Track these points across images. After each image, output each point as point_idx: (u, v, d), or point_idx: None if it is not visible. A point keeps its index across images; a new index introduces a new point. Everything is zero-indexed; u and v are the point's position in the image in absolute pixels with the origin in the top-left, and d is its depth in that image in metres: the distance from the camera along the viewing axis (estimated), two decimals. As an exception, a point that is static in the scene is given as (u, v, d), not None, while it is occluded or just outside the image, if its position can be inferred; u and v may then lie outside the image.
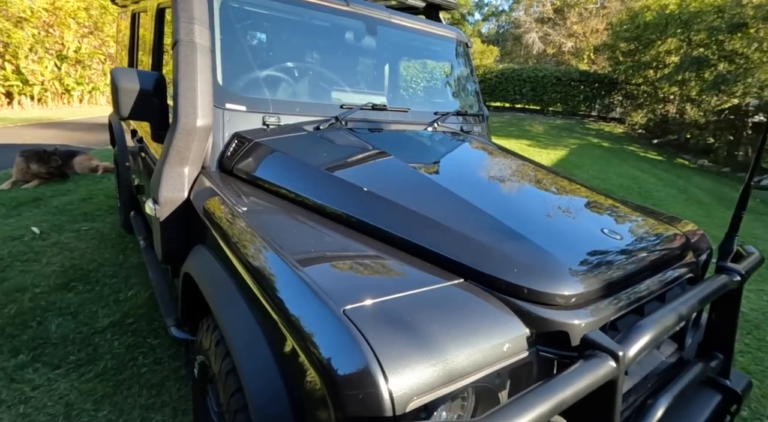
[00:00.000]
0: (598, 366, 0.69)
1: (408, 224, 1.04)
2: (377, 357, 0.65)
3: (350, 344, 0.67)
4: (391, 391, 0.63)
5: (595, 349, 0.72)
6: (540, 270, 0.89)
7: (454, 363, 0.70)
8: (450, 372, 0.69)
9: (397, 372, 0.65)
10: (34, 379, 1.75)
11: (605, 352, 0.71)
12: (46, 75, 9.65)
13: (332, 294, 0.76)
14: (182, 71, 1.33)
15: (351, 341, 0.67)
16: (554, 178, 1.59)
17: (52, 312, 2.18)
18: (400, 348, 0.68)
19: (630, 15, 12.50)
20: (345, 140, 1.50)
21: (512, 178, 1.52)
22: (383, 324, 0.71)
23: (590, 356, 0.71)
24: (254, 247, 0.97)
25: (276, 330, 0.83)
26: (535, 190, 1.45)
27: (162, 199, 1.31)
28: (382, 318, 0.73)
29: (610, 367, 0.70)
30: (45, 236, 3.02)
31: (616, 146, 11.22)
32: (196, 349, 1.32)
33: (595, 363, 0.70)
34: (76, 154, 4.53)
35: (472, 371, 0.71)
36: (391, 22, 2.01)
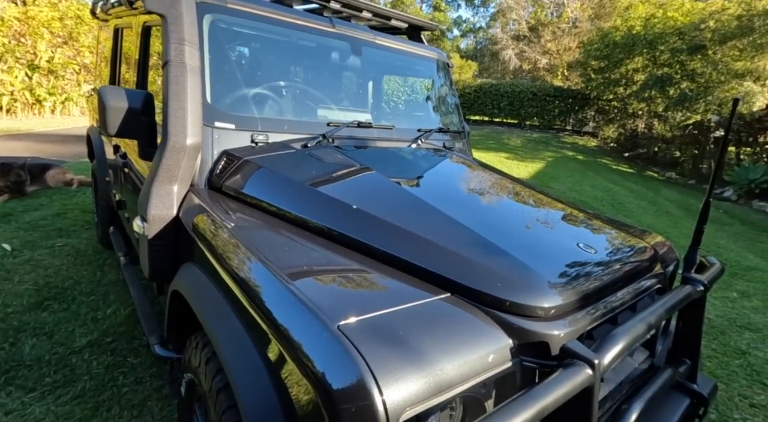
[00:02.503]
0: (576, 374, 0.74)
1: (395, 240, 1.08)
2: (372, 371, 0.68)
3: (345, 358, 0.70)
4: (385, 403, 0.66)
5: (573, 358, 0.78)
6: (521, 284, 0.95)
7: (444, 374, 0.74)
8: (440, 383, 0.73)
9: (391, 384, 0.68)
10: (6, 404, 1.68)
11: (582, 361, 0.76)
12: (15, 85, 9.36)
13: (326, 310, 0.79)
14: (172, 91, 1.35)
15: (346, 355, 0.70)
16: (532, 193, 1.67)
17: (25, 333, 2.11)
18: (392, 361, 0.71)
19: (600, 35, 13.16)
20: (332, 158, 1.54)
21: (492, 194, 1.59)
22: (376, 339, 0.75)
23: (568, 364, 0.77)
24: (245, 264, 0.99)
25: (269, 346, 0.85)
26: (514, 204, 1.53)
27: (150, 217, 1.31)
28: (375, 333, 0.76)
29: (587, 375, 0.75)
30: (16, 253, 2.92)
31: (590, 159, 11.66)
32: (183, 367, 1.31)
33: (573, 371, 0.75)
34: (49, 167, 4.40)
35: (460, 381, 0.75)
36: (376, 43, 2.08)
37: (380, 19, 2.46)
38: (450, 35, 26.38)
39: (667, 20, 11.06)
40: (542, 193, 1.72)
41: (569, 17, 17.28)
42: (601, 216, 1.61)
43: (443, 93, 2.44)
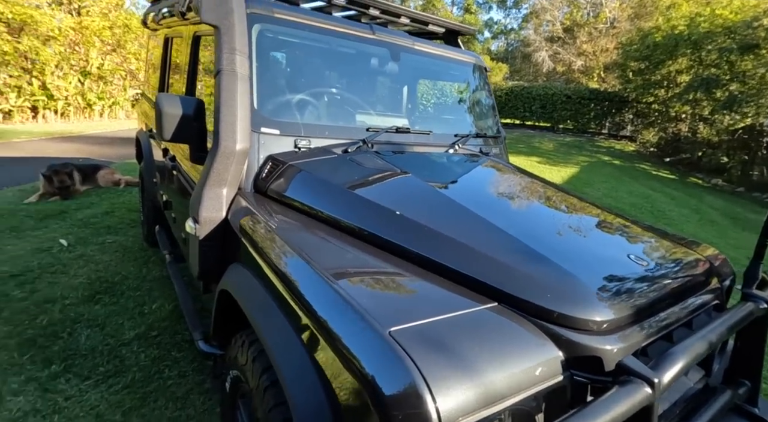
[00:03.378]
0: (634, 393, 0.72)
1: (439, 247, 1.09)
2: (424, 378, 0.69)
3: (398, 364, 0.71)
4: (438, 411, 0.67)
5: (630, 375, 0.75)
6: (571, 296, 0.93)
7: (495, 385, 0.74)
8: (491, 394, 0.72)
9: (444, 392, 0.68)
10: (66, 390, 1.80)
11: (640, 379, 0.74)
12: (70, 90, 10.02)
13: (377, 315, 0.81)
14: (224, 98, 1.42)
15: (399, 362, 0.71)
16: (574, 201, 1.63)
17: (80, 324, 2.25)
18: (444, 369, 0.72)
19: (640, 35, 12.63)
20: (373, 163, 1.56)
21: (533, 201, 1.56)
22: (427, 346, 0.75)
23: (625, 382, 0.74)
24: (294, 266, 1.02)
25: (318, 347, 0.87)
26: (557, 212, 1.49)
27: (202, 219, 1.37)
28: (426, 341, 0.77)
29: (646, 393, 0.72)
30: (71, 248, 3.12)
31: (626, 164, 11.20)
32: (228, 364, 1.36)
33: (631, 389, 0.72)
34: (99, 168, 4.68)
35: (511, 393, 0.75)
36: (414, 49, 2.10)
37: (417, 25, 2.47)
38: (481, 38, 26.09)
39: (715, 18, 10.47)
40: (584, 201, 1.67)
41: (607, 17, 16.69)
42: (647, 226, 1.55)
43: (480, 97, 2.42)
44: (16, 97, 9.05)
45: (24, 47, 8.79)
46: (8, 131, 7.85)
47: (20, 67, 8.99)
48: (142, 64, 12.04)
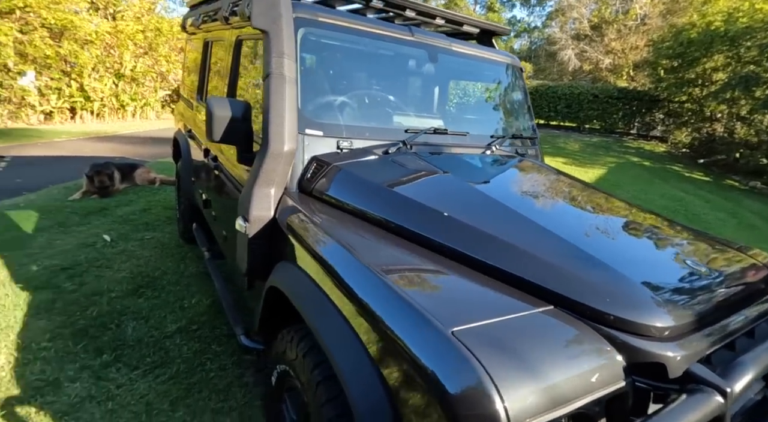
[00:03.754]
0: (706, 402, 0.71)
1: (491, 249, 1.09)
2: (491, 378, 0.70)
3: (463, 364, 0.72)
4: (507, 411, 0.68)
5: (699, 384, 0.74)
6: (632, 300, 0.92)
7: (560, 388, 0.74)
8: (557, 397, 0.73)
9: (512, 393, 0.69)
10: (117, 378, 1.90)
11: (711, 387, 0.73)
12: (105, 92, 10.45)
13: (437, 315, 0.82)
14: (273, 101, 1.46)
15: (464, 361, 0.73)
16: (620, 204, 1.60)
17: (126, 316, 2.35)
18: (510, 370, 0.73)
19: (673, 32, 12.18)
20: (416, 164, 1.57)
21: (580, 204, 1.54)
22: (490, 347, 0.76)
23: (695, 390, 0.73)
24: (349, 265, 1.05)
25: (378, 346, 0.90)
26: (605, 216, 1.47)
27: (252, 217, 1.42)
28: (488, 341, 0.78)
29: (718, 403, 0.71)
30: (113, 244, 3.26)
31: (657, 165, 10.83)
32: (274, 358, 1.40)
33: (702, 398, 0.71)
34: (137, 167, 4.87)
35: (575, 397, 0.75)
36: (451, 50, 2.10)
37: (452, 25, 2.48)
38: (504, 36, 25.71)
39: (755, 13, 10.00)
40: (629, 204, 1.64)
41: (637, 14, 16.16)
42: (696, 229, 1.51)
43: (516, 98, 2.40)
44: (57, 98, 9.50)
45: (64, 51, 9.21)
46: (50, 131, 8.25)
47: (60, 70, 9.43)
48: (171, 66, 12.44)
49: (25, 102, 8.90)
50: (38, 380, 1.84)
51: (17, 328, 2.16)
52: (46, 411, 1.68)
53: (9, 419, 1.63)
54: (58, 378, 1.85)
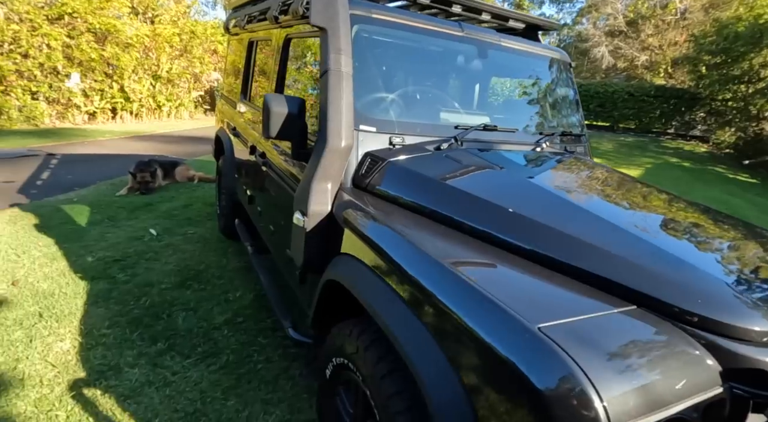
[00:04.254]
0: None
1: (564, 247, 1.06)
2: (588, 376, 0.68)
3: (555, 361, 0.71)
4: (608, 412, 0.66)
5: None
6: (726, 303, 0.87)
7: (657, 391, 0.71)
8: (655, 401, 0.70)
9: (610, 393, 0.67)
10: (171, 366, 1.97)
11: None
12: (143, 93, 10.89)
13: (521, 310, 0.81)
14: (331, 98, 1.48)
15: (555, 358, 0.71)
16: (687, 203, 1.53)
17: (176, 307, 2.44)
18: (606, 369, 0.70)
19: (716, 26, 11.58)
20: (471, 160, 1.56)
21: (646, 202, 1.48)
22: (581, 344, 0.74)
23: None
24: (419, 261, 1.04)
25: (454, 341, 0.89)
26: (676, 215, 1.41)
27: (310, 212, 1.44)
28: (578, 338, 0.76)
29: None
30: (159, 238, 3.39)
31: (698, 167, 10.35)
32: (329, 352, 1.42)
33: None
34: (177, 165, 5.05)
35: (672, 401, 0.72)
36: (501, 45, 2.07)
37: (498, 21, 2.44)
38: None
39: (810, 5, 9.39)
40: (695, 203, 1.57)
41: (677, 8, 15.46)
42: None
43: (565, 94, 2.34)
44: (99, 99, 9.98)
45: (107, 54, 9.66)
46: (94, 131, 8.67)
47: (103, 72, 9.90)
48: (204, 67, 12.85)
49: (71, 103, 9.40)
50: (101, 364, 1.93)
51: (79, 315, 2.28)
52: (110, 394, 1.77)
53: (78, 400, 1.72)
54: (118, 364, 1.94)
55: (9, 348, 1.99)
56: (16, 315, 2.24)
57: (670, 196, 1.60)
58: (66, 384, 1.81)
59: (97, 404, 1.72)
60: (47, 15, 8.68)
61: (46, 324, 2.19)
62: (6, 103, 7.99)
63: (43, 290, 2.49)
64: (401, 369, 1.08)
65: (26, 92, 8.38)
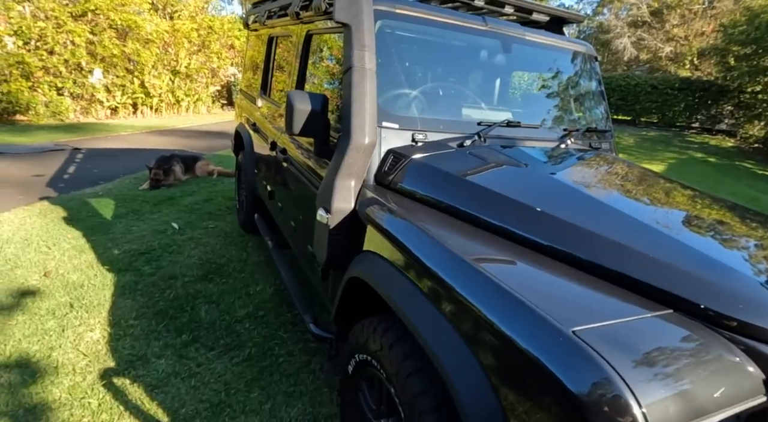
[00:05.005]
0: None
1: (594, 247, 1.04)
2: (626, 382, 0.67)
3: (591, 365, 0.69)
4: (647, 418, 0.64)
5: None
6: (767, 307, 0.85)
7: (697, 398, 0.69)
8: (695, 409, 0.68)
9: (649, 399, 0.66)
10: (196, 357, 2.02)
11: None
12: (163, 88, 11.09)
13: (553, 313, 0.80)
14: (355, 94, 1.48)
15: (591, 362, 0.70)
16: (722, 203, 1.48)
17: (200, 300, 2.50)
18: (643, 374, 0.69)
19: (747, 15, 11.09)
20: (496, 158, 1.54)
21: (678, 202, 1.44)
22: (618, 349, 0.73)
23: None
24: (445, 259, 1.04)
25: (483, 342, 0.88)
26: (710, 215, 1.37)
27: (334, 209, 1.45)
28: (614, 343, 0.74)
29: None
30: (181, 231, 3.47)
31: (725, 162, 10.00)
32: (352, 348, 1.43)
33: None
34: (198, 159, 5.14)
35: (714, 410, 0.70)
36: (525, 39, 2.03)
37: (521, 14, 2.38)
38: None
39: None
40: (731, 202, 1.52)
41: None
42: None
43: (590, 89, 2.28)
44: (121, 94, 10.20)
45: (129, 50, 9.85)
46: (117, 125, 8.88)
47: (125, 67, 10.11)
48: (222, 62, 12.98)
49: (94, 98, 9.64)
50: (129, 354, 2.00)
51: (107, 306, 2.36)
52: (139, 383, 1.83)
53: (108, 389, 1.79)
54: (146, 354, 2.01)
55: (43, 337, 2.08)
56: (49, 305, 2.33)
57: (703, 195, 1.55)
58: (97, 372, 1.88)
59: (127, 393, 1.78)
60: (71, 12, 8.88)
61: (76, 314, 2.28)
62: (33, 98, 8.25)
63: (73, 281, 2.58)
64: (427, 368, 1.08)
65: (52, 88, 8.63)
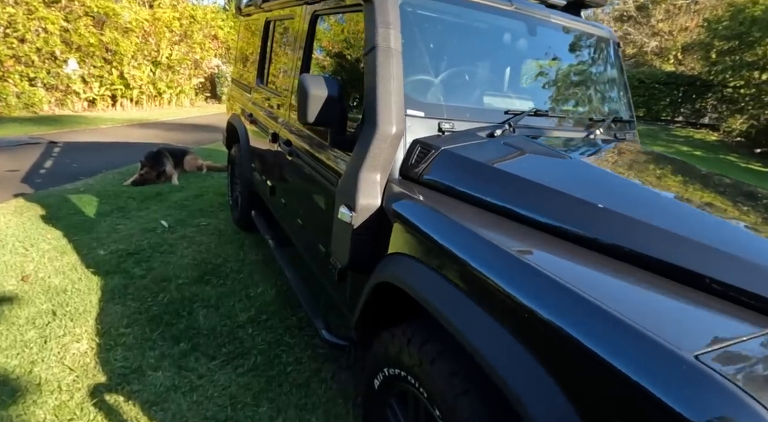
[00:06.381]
0: None
1: (677, 251, 0.91)
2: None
3: (730, 398, 0.57)
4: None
5: None
6: None
7: None
8: None
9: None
10: (197, 368, 1.85)
11: None
12: (143, 79, 10.62)
13: (665, 334, 0.67)
14: (381, 77, 1.32)
15: (729, 395, 0.57)
16: None
17: (197, 304, 2.31)
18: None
19: (731, 11, 11.27)
20: (534, 148, 1.41)
21: (739, 199, 1.33)
22: (751, 375, 0.61)
23: None
24: (512, 269, 0.89)
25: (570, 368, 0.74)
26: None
27: (359, 206, 1.30)
28: (746, 370, 0.62)
29: None
30: (173, 229, 3.25)
31: (710, 155, 10.19)
32: (380, 360, 1.29)
33: None
34: (186, 154, 4.88)
35: None
36: (551, 22, 1.90)
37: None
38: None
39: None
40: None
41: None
42: None
43: (613, 76, 2.17)
44: (99, 86, 9.71)
45: (106, 39, 9.37)
46: (96, 118, 8.45)
47: (102, 57, 9.62)
48: (205, 53, 12.53)
49: (70, 89, 9.15)
50: (122, 367, 1.81)
51: (95, 313, 2.16)
52: (134, 400, 1.65)
53: (100, 407, 1.60)
54: (140, 366, 1.82)
55: (23, 350, 1.87)
56: (29, 314, 2.12)
57: (754, 187, 1.45)
58: (86, 389, 1.69)
59: (121, 412, 1.61)
60: (43, -3, 8.37)
61: (60, 322, 2.07)
62: (4, 89, 7.76)
63: (55, 286, 2.36)
64: (481, 388, 0.95)
65: (24, 78, 8.14)
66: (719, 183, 1.45)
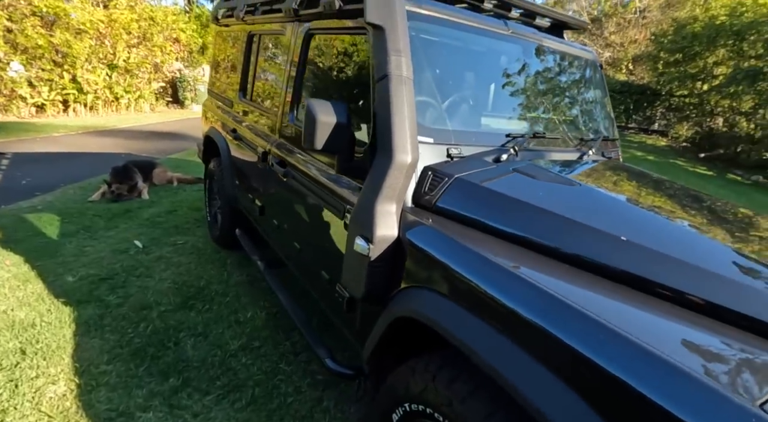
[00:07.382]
0: None
1: (706, 285, 0.95)
2: None
3: None
4: None
5: None
6: None
7: None
8: None
9: None
10: (191, 406, 1.73)
11: None
12: (99, 83, 9.98)
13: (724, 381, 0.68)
14: (395, 106, 1.30)
15: None
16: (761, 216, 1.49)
17: (183, 333, 2.18)
18: None
19: (675, 26, 12.21)
20: (544, 175, 1.43)
21: (738, 221, 1.41)
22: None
23: None
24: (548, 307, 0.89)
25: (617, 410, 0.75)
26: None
27: (377, 238, 1.26)
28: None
29: None
30: (147, 250, 3.06)
31: (662, 160, 10.93)
32: (398, 396, 1.26)
33: None
34: (154, 166, 4.61)
35: None
36: (543, 45, 1.97)
37: (525, 18, 2.32)
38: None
39: (759, 8, 10.08)
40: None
41: (636, 7, 16.16)
42: None
43: (597, 96, 2.27)
44: (48, 90, 9.03)
45: (57, 41, 8.74)
46: (46, 125, 7.84)
47: (51, 60, 8.96)
48: (167, 57, 11.98)
49: (15, 94, 8.44)
50: (108, 410, 1.66)
51: (70, 349, 1.97)
52: (126, 448, 1.52)
53: (88, 460, 1.47)
54: (128, 408, 1.68)
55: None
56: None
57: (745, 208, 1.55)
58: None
59: (112, 461, 1.47)
60: (-17, -5, 7.70)
61: (31, 362, 1.88)
62: (-63, 93, 7.04)
63: (20, 320, 2.14)
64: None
65: (-39, 82, 7.43)
66: (728, 209, 1.54)
